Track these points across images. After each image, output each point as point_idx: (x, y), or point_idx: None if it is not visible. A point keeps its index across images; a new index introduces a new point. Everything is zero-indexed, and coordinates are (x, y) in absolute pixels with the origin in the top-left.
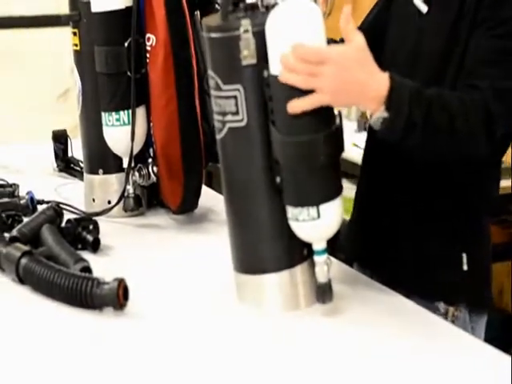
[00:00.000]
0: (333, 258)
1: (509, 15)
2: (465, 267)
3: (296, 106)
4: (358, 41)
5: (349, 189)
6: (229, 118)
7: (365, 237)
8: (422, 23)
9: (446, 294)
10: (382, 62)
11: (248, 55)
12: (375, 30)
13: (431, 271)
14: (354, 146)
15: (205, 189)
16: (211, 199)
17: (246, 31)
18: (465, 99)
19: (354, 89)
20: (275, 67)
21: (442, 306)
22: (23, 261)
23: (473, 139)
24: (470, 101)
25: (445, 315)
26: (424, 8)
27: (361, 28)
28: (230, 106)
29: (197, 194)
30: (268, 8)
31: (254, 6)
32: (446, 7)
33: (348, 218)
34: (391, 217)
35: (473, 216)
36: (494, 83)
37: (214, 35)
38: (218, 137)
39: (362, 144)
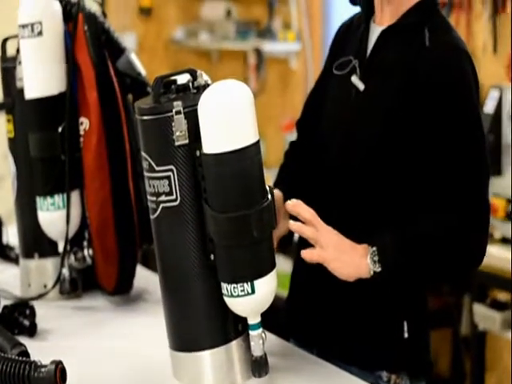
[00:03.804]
0: (268, 332)
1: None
2: (406, 335)
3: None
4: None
5: (284, 264)
6: (162, 198)
7: (303, 312)
8: (359, 102)
9: (388, 362)
10: (319, 141)
11: (180, 136)
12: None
13: (373, 341)
14: None
15: (139, 268)
16: (145, 279)
17: (178, 112)
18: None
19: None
20: (207, 146)
21: (384, 374)
22: None
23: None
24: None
25: (387, 383)
26: (361, 86)
27: (307, 104)
28: (163, 187)
29: (131, 274)
30: (199, 89)
31: (185, 88)
32: (382, 87)
33: (282, 291)
34: (330, 288)
35: (413, 289)
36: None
37: (146, 118)
38: (152, 217)
39: None
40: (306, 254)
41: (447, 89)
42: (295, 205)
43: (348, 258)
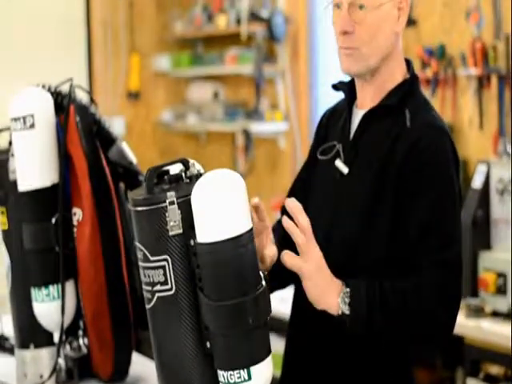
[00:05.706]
0: None
1: (429, 197)
2: None
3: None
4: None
5: (277, 344)
6: (158, 287)
7: None
8: (343, 186)
9: None
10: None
11: (174, 226)
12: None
13: None
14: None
15: (134, 355)
16: (141, 365)
17: (171, 203)
18: (415, 282)
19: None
20: (201, 235)
21: None
22: None
23: (430, 317)
24: (419, 283)
25: None
26: (345, 169)
27: (293, 189)
28: (158, 276)
29: (127, 362)
30: (191, 179)
31: (178, 178)
32: (365, 169)
33: (276, 372)
34: (318, 368)
35: (400, 364)
36: (434, 258)
37: (140, 208)
38: (148, 306)
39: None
40: (288, 257)
41: (424, 168)
42: (296, 207)
43: (323, 285)
